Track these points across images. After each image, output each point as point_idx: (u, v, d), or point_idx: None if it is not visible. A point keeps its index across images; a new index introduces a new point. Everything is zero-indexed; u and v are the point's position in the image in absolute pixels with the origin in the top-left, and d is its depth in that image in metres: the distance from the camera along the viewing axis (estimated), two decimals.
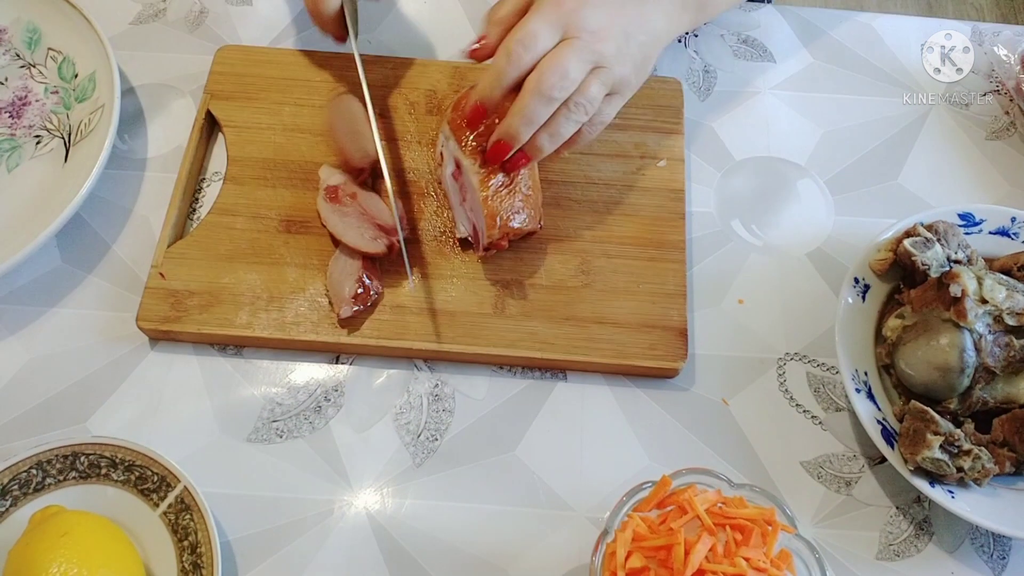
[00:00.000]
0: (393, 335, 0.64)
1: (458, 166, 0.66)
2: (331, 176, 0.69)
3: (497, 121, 0.63)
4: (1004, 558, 0.61)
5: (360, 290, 0.64)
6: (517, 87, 0.60)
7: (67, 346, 0.66)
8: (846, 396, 0.64)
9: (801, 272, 0.71)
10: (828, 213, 0.73)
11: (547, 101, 0.59)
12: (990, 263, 0.66)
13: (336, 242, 0.66)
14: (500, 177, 0.63)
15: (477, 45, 0.63)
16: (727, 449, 0.64)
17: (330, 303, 0.65)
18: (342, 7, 0.70)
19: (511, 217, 0.63)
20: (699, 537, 0.48)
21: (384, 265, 0.67)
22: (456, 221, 0.68)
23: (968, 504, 0.58)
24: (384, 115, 0.73)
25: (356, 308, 0.63)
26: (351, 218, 0.67)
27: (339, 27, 0.71)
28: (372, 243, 0.65)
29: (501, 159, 0.62)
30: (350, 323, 0.64)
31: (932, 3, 2.02)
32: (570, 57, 0.59)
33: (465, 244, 0.68)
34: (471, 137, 0.64)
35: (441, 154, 0.69)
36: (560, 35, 0.60)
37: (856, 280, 0.65)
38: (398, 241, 0.65)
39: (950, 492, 0.58)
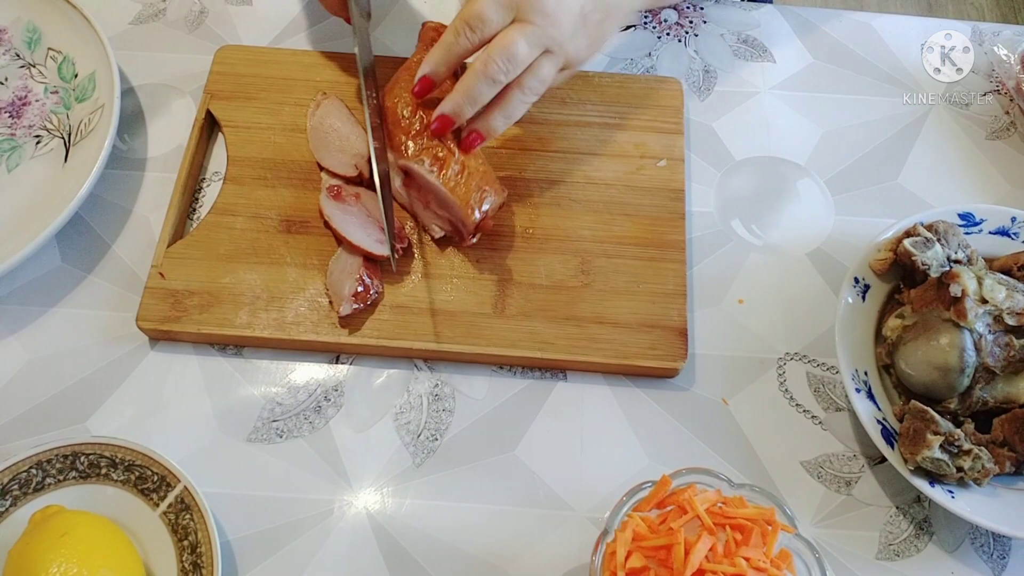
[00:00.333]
0: (393, 335, 0.64)
1: (407, 173, 0.66)
2: (332, 175, 0.69)
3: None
4: (1004, 558, 0.61)
5: (360, 288, 0.64)
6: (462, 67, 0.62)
7: (67, 346, 0.66)
8: (846, 396, 0.64)
9: (801, 272, 0.71)
10: (828, 213, 0.73)
11: (491, 83, 0.60)
12: (990, 263, 0.66)
13: (338, 241, 0.66)
14: (453, 167, 0.64)
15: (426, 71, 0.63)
16: (727, 449, 0.64)
17: (330, 302, 0.65)
18: None
19: (482, 197, 0.64)
20: (699, 537, 0.48)
21: (384, 265, 0.67)
22: (426, 226, 0.68)
23: (968, 504, 0.58)
24: (383, 116, 0.73)
25: (356, 306, 0.63)
26: (356, 217, 0.67)
27: (345, 7, 0.70)
28: (377, 245, 0.65)
29: (444, 133, 0.63)
30: (350, 322, 0.64)
31: (932, 3, 2.02)
32: (519, 42, 0.60)
33: (445, 242, 0.68)
34: (411, 146, 0.65)
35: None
36: (511, 17, 0.60)
37: (856, 280, 0.65)
38: (401, 249, 0.66)
39: (950, 492, 0.58)
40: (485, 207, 0.64)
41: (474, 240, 0.66)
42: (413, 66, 0.68)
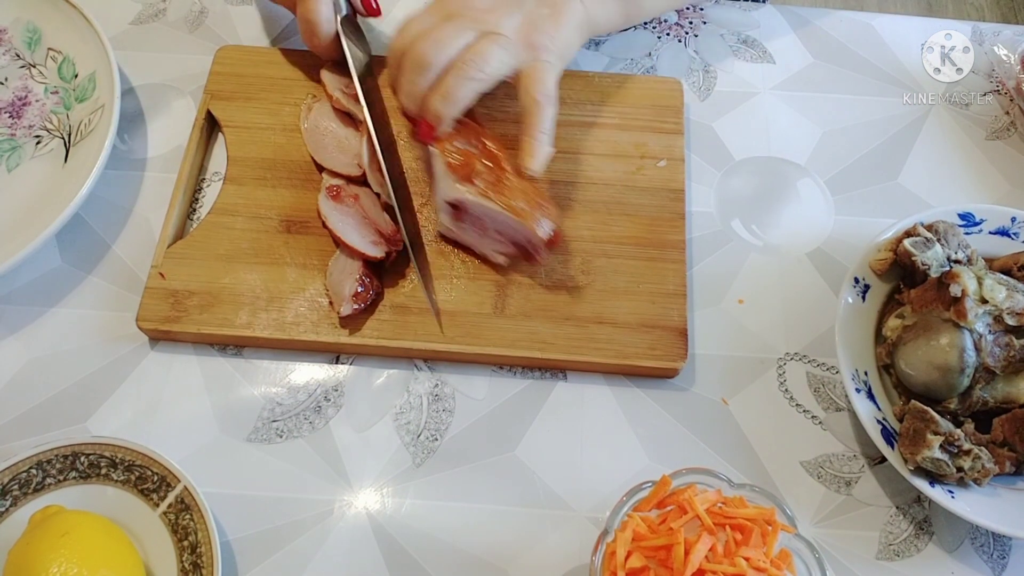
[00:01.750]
0: (393, 335, 0.64)
1: (455, 207, 0.65)
2: (334, 175, 0.69)
3: (471, 143, 0.64)
4: (1004, 558, 0.61)
5: (360, 289, 0.64)
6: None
7: (67, 346, 0.66)
8: (846, 396, 0.64)
9: (801, 272, 0.71)
10: (828, 213, 0.73)
11: (423, 68, 0.61)
12: (990, 263, 0.66)
13: (337, 242, 0.66)
14: (505, 190, 0.62)
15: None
16: (727, 449, 0.64)
17: (330, 302, 0.65)
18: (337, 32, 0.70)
19: (544, 212, 0.63)
20: (699, 537, 0.48)
21: (384, 266, 0.67)
22: (485, 255, 0.67)
23: (968, 504, 0.58)
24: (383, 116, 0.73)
25: (356, 307, 0.63)
26: (352, 219, 0.67)
27: (338, 51, 0.71)
28: (372, 247, 0.65)
29: (427, 138, 0.64)
30: (350, 322, 0.64)
31: (932, 3, 2.02)
32: (446, 28, 0.61)
33: (509, 267, 0.67)
34: (457, 179, 0.63)
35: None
36: (445, 19, 0.62)
37: (856, 280, 0.65)
38: (395, 252, 0.66)
39: (950, 492, 0.58)
40: (550, 222, 0.63)
41: (542, 258, 0.64)
42: None
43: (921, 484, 0.58)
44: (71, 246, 0.69)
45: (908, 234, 0.65)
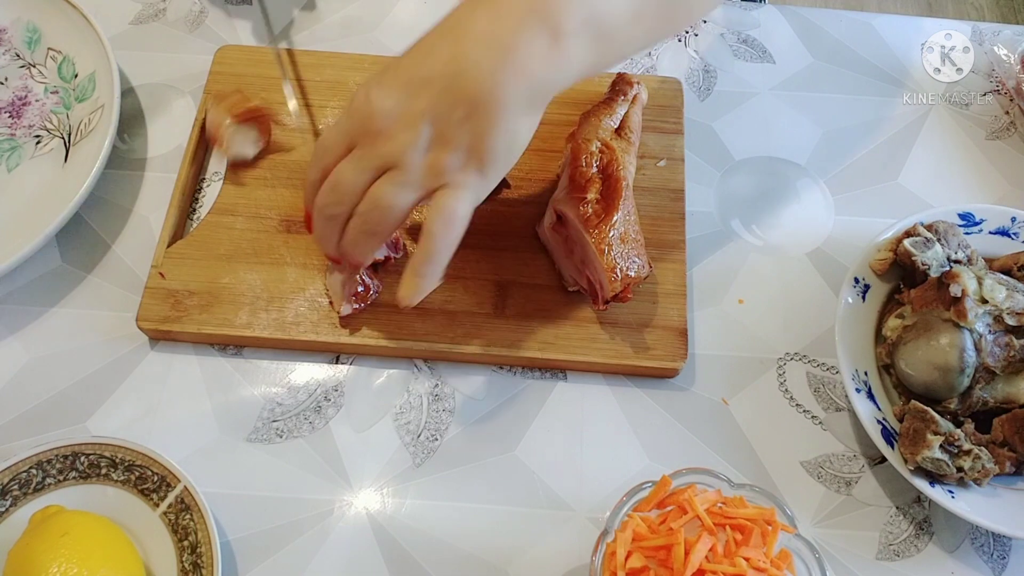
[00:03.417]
0: (393, 335, 0.64)
1: (559, 218, 0.64)
2: None
3: None
4: (1004, 558, 0.61)
5: (360, 288, 0.64)
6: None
7: (67, 346, 0.66)
8: (846, 396, 0.64)
9: (801, 272, 0.71)
10: (828, 213, 0.73)
11: (327, 219, 0.55)
12: (990, 263, 0.66)
13: None
14: (614, 229, 0.61)
15: None
16: (727, 449, 0.64)
17: (330, 302, 0.65)
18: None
19: (629, 267, 0.61)
20: (699, 537, 0.48)
21: (385, 266, 0.67)
22: (561, 274, 0.66)
23: (968, 504, 0.58)
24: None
25: (356, 307, 0.63)
26: None
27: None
28: None
29: (337, 264, 0.61)
30: (350, 322, 0.64)
31: (932, 3, 2.02)
32: (343, 169, 0.53)
33: (575, 294, 0.66)
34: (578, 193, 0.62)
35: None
36: (347, 143, 0.53)
37: (856, 280, 0.65)
38: (394, 258, 0.66)
39: (950, 492, 0.58)
40: (629, 275, 0.61)
41: (605, 307, 0.62)
42: (600, 109, 0.67)
43: (921, 484, 0.58)
44: (71, 246, 0.69)
45: (908, 234, 0.65)
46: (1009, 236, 0.67)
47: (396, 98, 0.51)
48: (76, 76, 0.74)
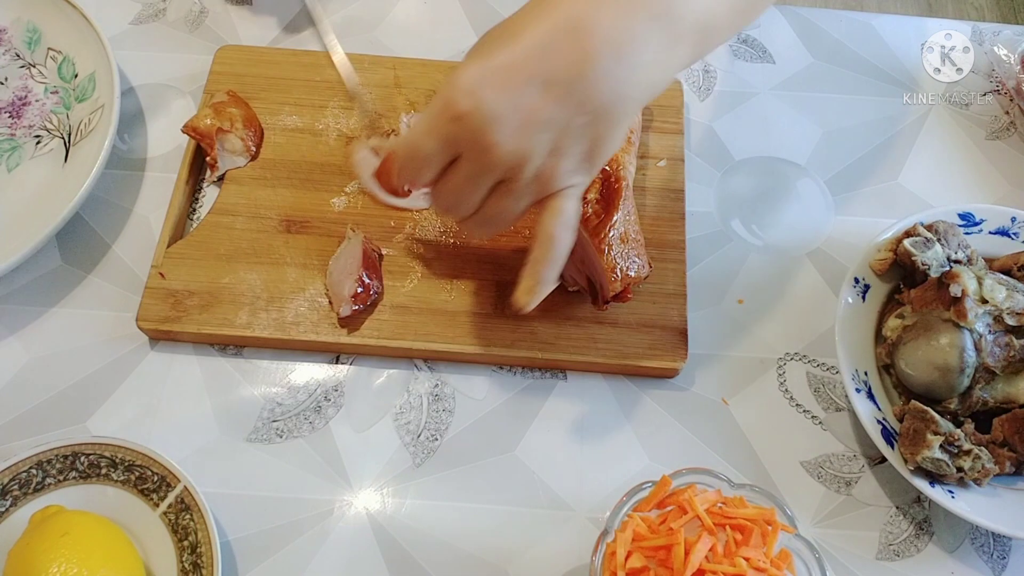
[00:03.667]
0: (393, 335, 0.64)
1: None
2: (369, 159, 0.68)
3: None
4: (1004, 558, 0.61)
5: (360, 289, 0.64)
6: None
7: (67, 346, 0.66)
8: (846, 396, 0.64)
9: (801, 272, 0.71)
10: (828, 213, 0.73)
11: (449, 216, 0.54)
12: (990, 263, 0.66)
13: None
14: (615, 229, 0.61)
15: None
16: (727, 449, 0.64)
17: (330, 302, 0.65)
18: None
19: (629, 267, 0.61)
20: (699, 537, 0.48)
21: (385, 265, 0.67)
22: (562, 274, 0.65)
23: (968, 504, 0.58)
24: (384, 115, 0.73)
25: (356, 307, 0.63)
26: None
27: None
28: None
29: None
30: (350, 322, 0.64)
31: (932, 3, 2.02)
32: (460, 187, 0.50)
33: (575, 294, 0.66)
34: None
35: None
36: (452, 152, 0.49)
37: (856, 280, 0.65)
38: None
39: (950, 492, 0.58)
40: (629, 275, 0.61)
41: (606, 307, 0.62)
42: None
43: (921, 484, 0.58)
44: (71, 246, 0.69)
45: (908, 234, 0.65)
46: (1009, 236, 0.67)
47: (513, 103, 0.46)
48: (76, 76, 0.74)
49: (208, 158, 0.70)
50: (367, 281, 0.64)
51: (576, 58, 0.46)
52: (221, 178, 0.70)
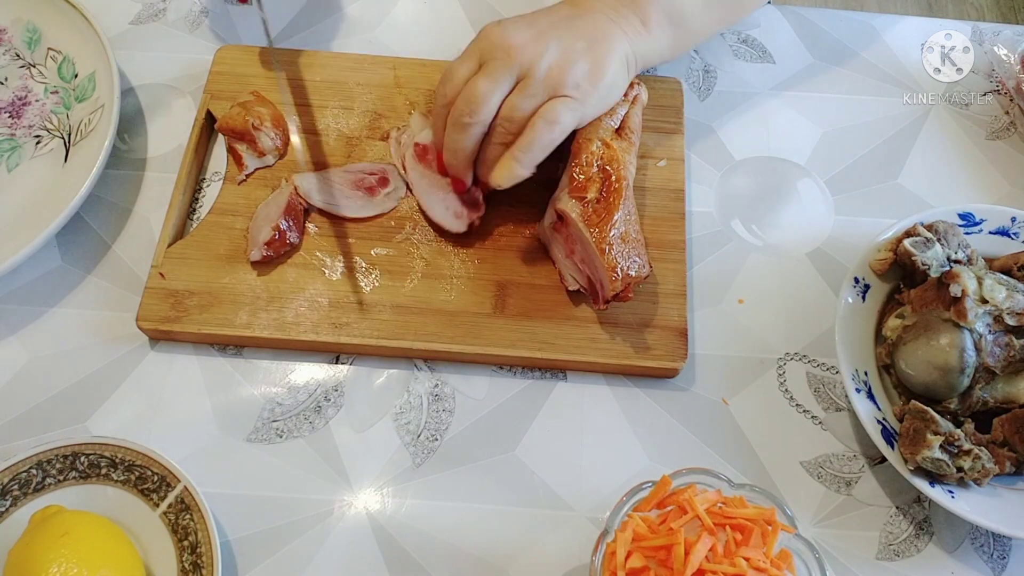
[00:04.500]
0: (393, 335, 0.64)
1: (560, 217, 0.64)
2: (423, 132, 0.69)
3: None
4: (1004, 558, 0.61)
5: (276, 236, 0.64)
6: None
7: (67, 346, 0.66)
8: (846, 396, 0.64)
9: (801, 272, 0.71)
10: (828, 213, 0.73)
11: (461, 127, 0.61)
12: (990, 263, 0.66)
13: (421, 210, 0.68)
14: (615, 228, 0.61)
15: None
16: (727, 449, 0.64)
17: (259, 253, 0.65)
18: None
19: (629, 266, 0.61)
20: (699, 537, 0.48)
21: (386, 265, 0.67)
22: (561, 274, 0.66)
23: (968, 504, 0.58)
24: (384, 115, 0.73)
25: (267, 253, 0.64)
26: (437, 189, 0.67)
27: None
28: (455, 221, 0.66)
29: (461, 191, 0.66)
30: (260, 267, 0.65)
31: (932, 3, 2.02)
32: (479, 80, 0.60)
33: (575, 294, 0.66)
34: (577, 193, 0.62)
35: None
36: (478, 62, 0.62)
37: (856, 280, 0.65)
38: (478, 219, 0.67)
39: (950, 492, 0.58)
40: (630, 275, 0.61)
41: (606, 307, 0.63)
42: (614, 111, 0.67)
43: (921, 484, 0.58)
44: (71, 246, 0.69)
45: (908, 234, 0.65)
46: (1009, 236, 0.67)
47: (529, 25, 0.62)
48: (76, 76, 0.74)
49: (232, 155, 0.70)
50: (283, 228, 0.65)
51: (571, 8, 0.64)
52: (247, 177, 0.70)
